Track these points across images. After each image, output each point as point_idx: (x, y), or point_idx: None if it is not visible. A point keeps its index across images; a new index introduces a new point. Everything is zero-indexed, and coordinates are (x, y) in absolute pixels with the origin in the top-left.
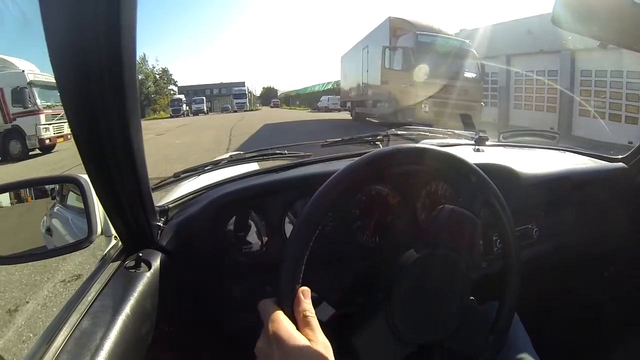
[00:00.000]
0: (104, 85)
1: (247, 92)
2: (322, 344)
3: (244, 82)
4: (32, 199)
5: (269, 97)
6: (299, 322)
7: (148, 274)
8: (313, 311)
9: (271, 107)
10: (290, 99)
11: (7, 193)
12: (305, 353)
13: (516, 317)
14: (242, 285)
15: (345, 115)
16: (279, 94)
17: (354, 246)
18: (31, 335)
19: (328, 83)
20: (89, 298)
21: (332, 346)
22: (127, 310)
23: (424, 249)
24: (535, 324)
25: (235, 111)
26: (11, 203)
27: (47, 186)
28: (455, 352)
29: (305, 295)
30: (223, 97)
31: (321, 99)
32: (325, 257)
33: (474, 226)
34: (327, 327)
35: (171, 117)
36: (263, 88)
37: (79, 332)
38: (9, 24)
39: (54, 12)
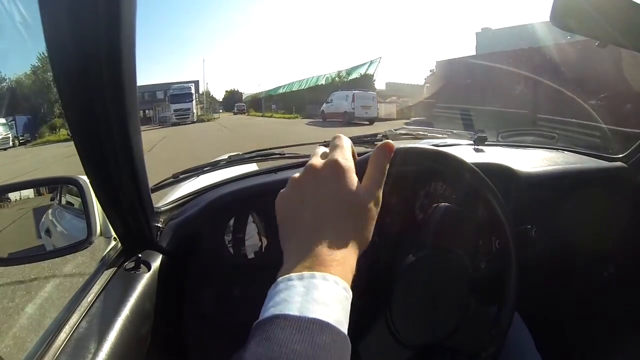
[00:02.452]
0: (103, 86)
1: (193, 93)
2: (377, 201)
3: (198, 82)
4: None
5: (233, 101)
6: (370, 172)
7: (147, 275)
8: (386, 172)
9: (234, 113)
10: (262, 102)
11: (7, 194)
12: (355, 197)
13: (518, 317)
14: (242, 286)
15: None
16: (244, 98)
17: None
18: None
19: (321, 77)
20: (89, 299)
21: None
22: (126, 311)
23: (422, 249)
24: (536, 324)
25: (176, 123)
26: (11, 204)
27: (46, 187)
28: (456, 350)
29: (388, 151)
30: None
31: (331, 97)
32: None
33: (469, 223)
34: None
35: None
36: (226, 92)
37: (79, 333)
38: (9, 25)
39: (53, 13)
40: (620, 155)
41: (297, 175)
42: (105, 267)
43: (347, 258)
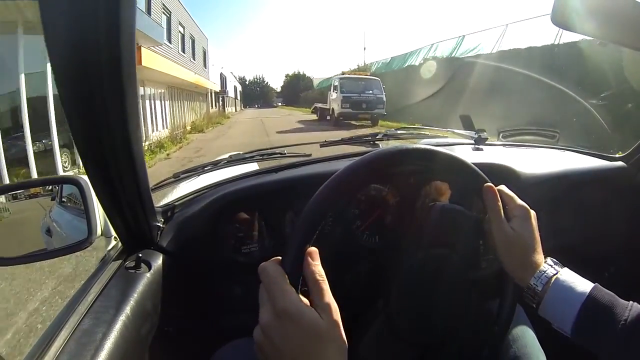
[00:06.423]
0: (103, 85)
1: None
2: (333, 310)
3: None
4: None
5: (296, 90)
6: (310, 287)
7: (148, 275)
8: (323, 273)
9: (323, 112)
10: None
11: (8, 194)
12: (318, 328)
13: (521, 311)
14: (242, 286)
15: None
16: (315, 84)
17: (354, 247)
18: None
19: None
20: (89, 298)
21: None
22: (127, 310)
23: (422, 248)
24: (538, 322)
25: None
26: (12, 203)
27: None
28: (458, 347)
29: (313, 257)
30: None
31: None
32: (325, 258)
33: (468, 221)
34: None
35: None
36: (286, 77)
37: (80, 332)
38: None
39: (53, 11)
40: (621, 155)
41: (256, 335)
42: (105, 267)
43: None
